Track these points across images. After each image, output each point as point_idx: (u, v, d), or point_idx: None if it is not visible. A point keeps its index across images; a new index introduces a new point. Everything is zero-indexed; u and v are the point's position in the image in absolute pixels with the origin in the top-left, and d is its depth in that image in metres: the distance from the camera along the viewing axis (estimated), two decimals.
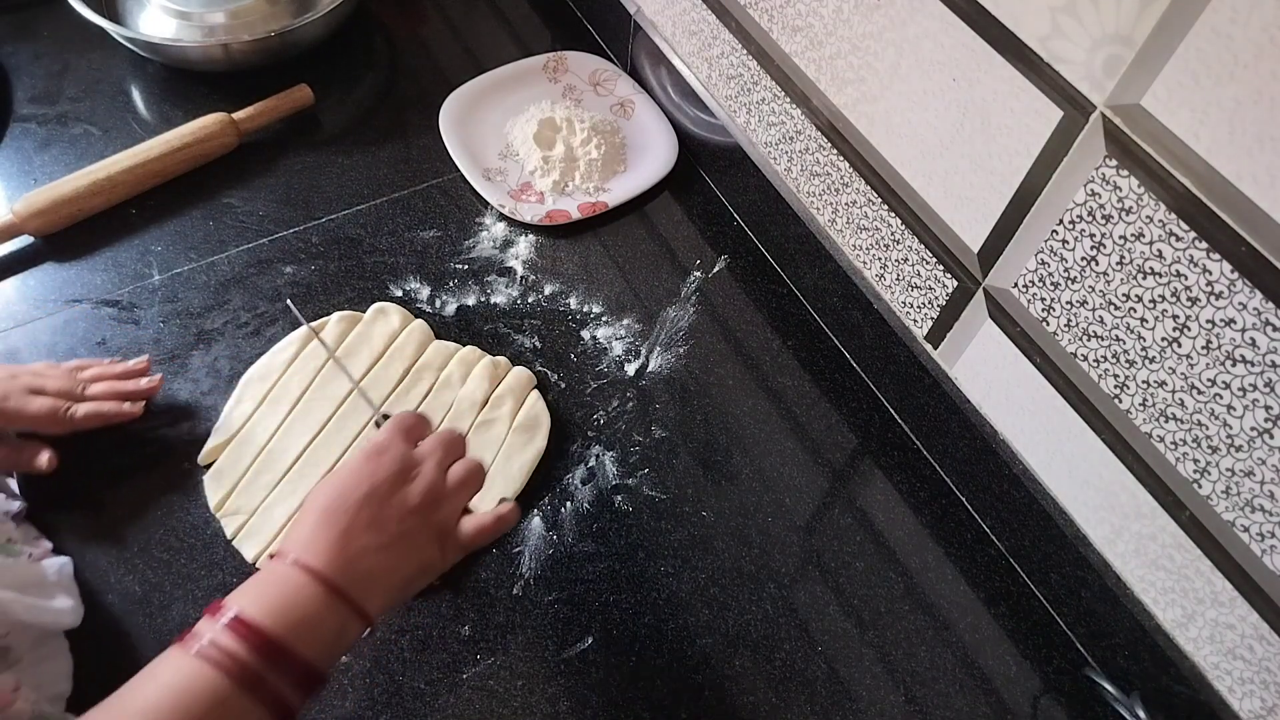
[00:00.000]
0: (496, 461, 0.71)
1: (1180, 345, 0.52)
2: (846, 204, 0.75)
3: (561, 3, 1.09)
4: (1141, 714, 0.63)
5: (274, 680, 0.47)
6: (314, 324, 0.76)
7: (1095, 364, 0.59)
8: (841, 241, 0.78)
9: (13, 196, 0.82)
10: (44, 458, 0.66)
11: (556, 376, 0.78)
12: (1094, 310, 0.57)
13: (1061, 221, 0.57)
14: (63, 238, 0.81)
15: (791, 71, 0.75)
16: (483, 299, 0.82)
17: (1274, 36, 0.42)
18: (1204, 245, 0.49)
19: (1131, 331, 0.55)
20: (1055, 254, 0.58)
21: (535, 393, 0.76)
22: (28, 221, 0.79)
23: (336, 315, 0.77)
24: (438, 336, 0.79)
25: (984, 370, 0.68)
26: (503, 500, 0.61)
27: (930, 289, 0.70)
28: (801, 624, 0.68)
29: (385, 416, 0.62)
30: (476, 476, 0.58)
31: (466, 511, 0.59)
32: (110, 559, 0.65)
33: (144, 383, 0.70)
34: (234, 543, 0.66)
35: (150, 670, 0.47)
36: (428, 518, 0.54)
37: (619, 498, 0.72)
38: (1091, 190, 0.54)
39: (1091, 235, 0.55)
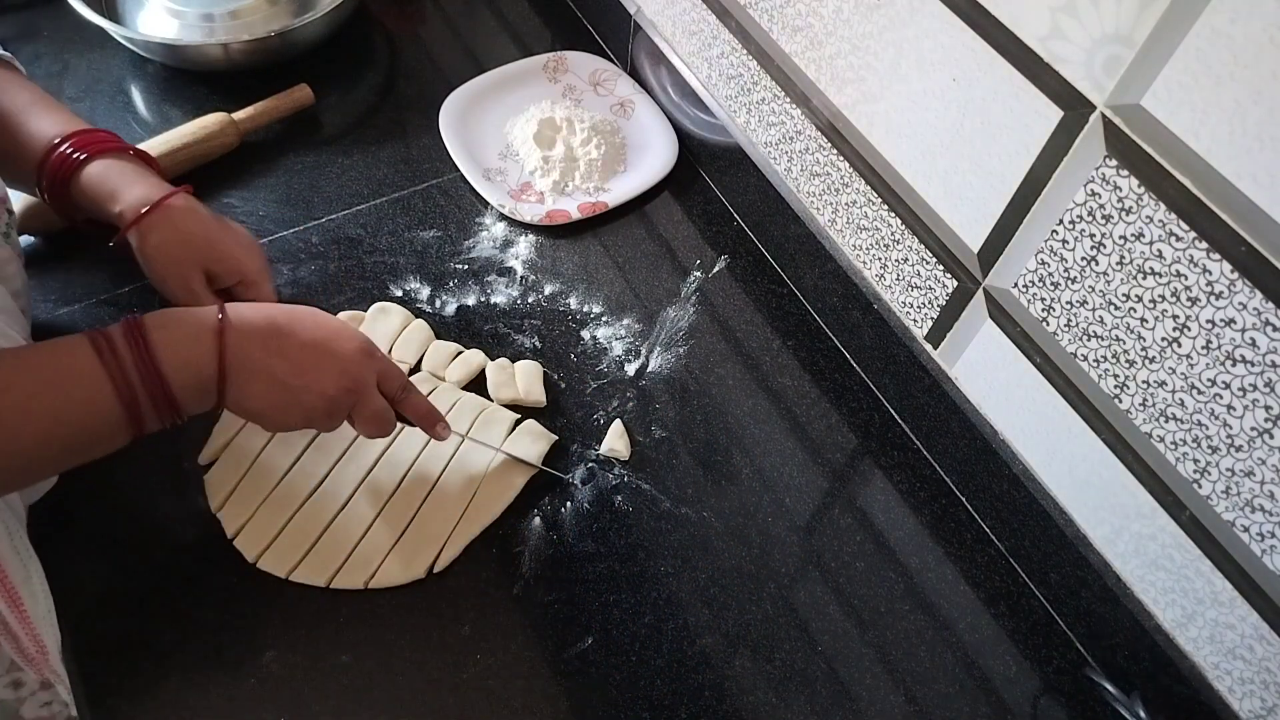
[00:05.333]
0: (496, 462, 0.71)
1: (1180, 345, 0.52)
2: (846, 204, 0.75)
3: (561, 3, 1.09)
4: (1141, 714, 0.63)
5: (134, 375, 0.53)
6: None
7: (1095, 364, 0.59)
8: (841, 241, 0.78)
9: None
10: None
11: (557, 376, 0.78)
12: (1094, 310, 0.57)
13: (1061, 221, 0.57)
14: (63, 238, 0.81)
15: (791, 71, 0.75)
16: (483, 299, 0.82)
17: (1274, 36, 0.42)
18: (1204, 245, 0.49)
19: (1131, 331, 0.55)
20: (1055, 254, 0.58)
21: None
22: (28, 222, 0.79)
23: (343, 315, 0.77)
24: (438, 336, 0.79)
25: (984, 370, 0.68)
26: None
27: (930, 289, 0.70)
28: (801, 624, 0.68)
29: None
30: (388, 424, 0.64)
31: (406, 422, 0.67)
32: (110, 559, 0.65)
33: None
34: (234, 543, 0.66)
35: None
36: (338, 403, 0.60)
37: (619, 498, 0.72)
38: (1091, 190, 0.54)
39: (1091, 235, 0.55)
